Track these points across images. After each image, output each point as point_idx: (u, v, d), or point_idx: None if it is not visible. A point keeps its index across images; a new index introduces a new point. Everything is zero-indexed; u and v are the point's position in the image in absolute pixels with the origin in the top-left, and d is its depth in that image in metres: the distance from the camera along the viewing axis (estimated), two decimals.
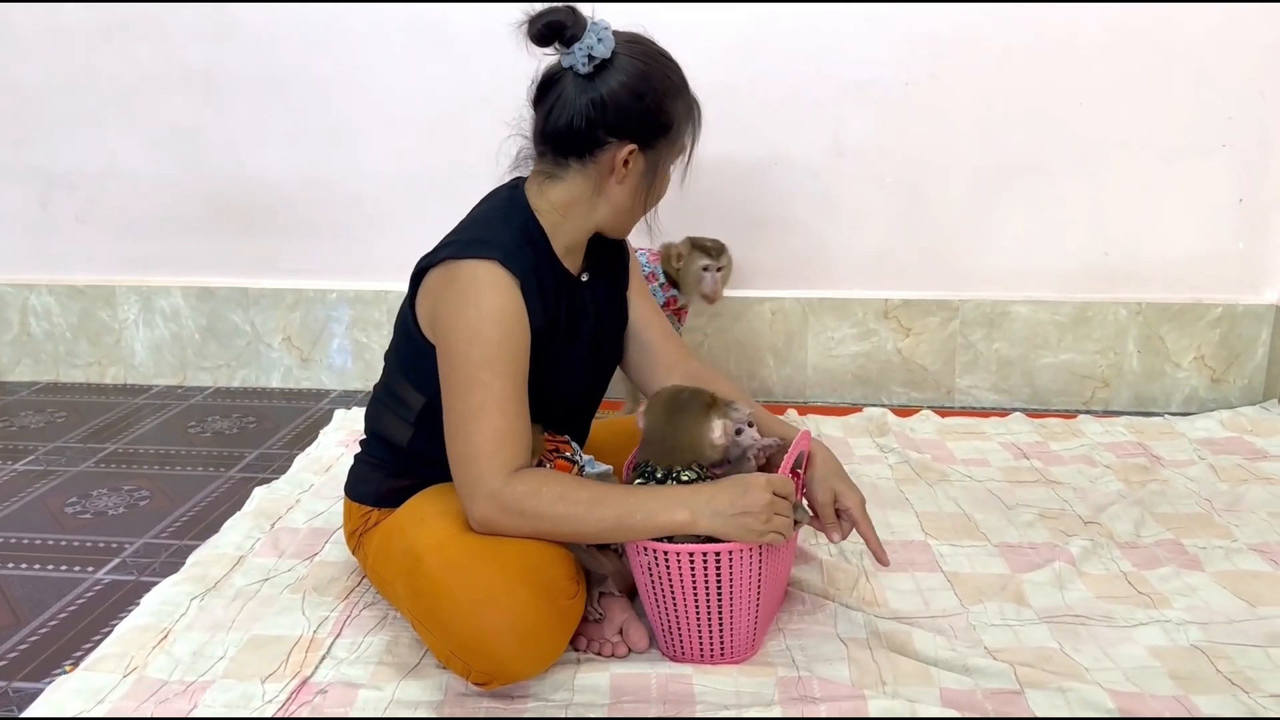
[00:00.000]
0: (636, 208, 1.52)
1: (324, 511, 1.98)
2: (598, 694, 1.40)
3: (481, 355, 1.37)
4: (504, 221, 1.47)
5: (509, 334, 1.39)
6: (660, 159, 1.48)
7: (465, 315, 1.39)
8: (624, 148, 1.43)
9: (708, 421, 1.44)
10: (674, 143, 1.48)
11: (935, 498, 2.04)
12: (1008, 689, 1.38)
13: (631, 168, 1.45)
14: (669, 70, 1.46)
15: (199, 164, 2.70)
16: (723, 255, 2.34)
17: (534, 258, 1.45)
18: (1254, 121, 2.43)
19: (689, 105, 1.48)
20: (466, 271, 1.40)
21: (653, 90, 1.42)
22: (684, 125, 1.48)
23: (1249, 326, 2.53)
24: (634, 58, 1.42)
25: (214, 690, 1.42)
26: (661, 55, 1.47)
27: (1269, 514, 1.93)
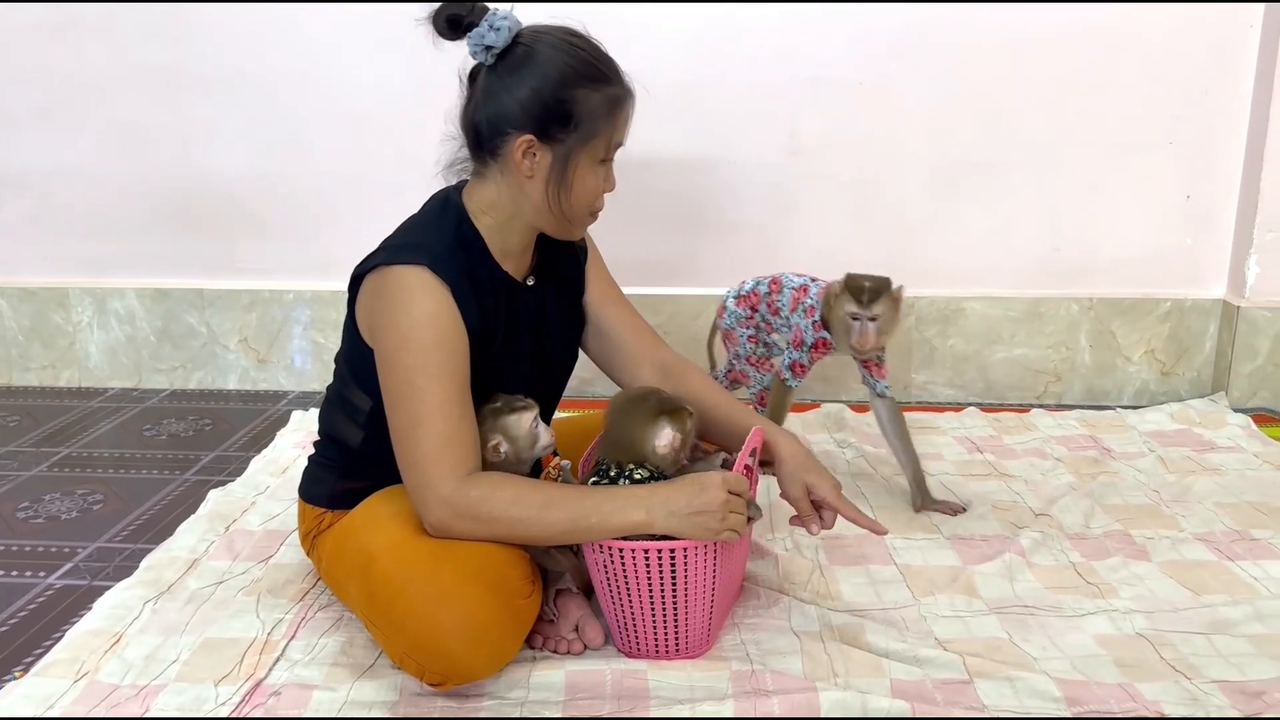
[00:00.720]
0: (557, 206, 1.45)
1: (279, 514, 1.97)
2: (553, 691, 1.41)
3: (417, 361, 1.37)
4: (436, 226, 1.46)
5: (443, 338, 1.38)
6: (570, 152, 1.41)
7: (398, 322, 1.38)
8: (519, 139, 1.40)
9: (654, 426, 1.45)
10: (585, 135, 1.41)
11: (890, 492, 2.06)
12: (957, 679, 1.41)
13: (537, 161, 1.42)
14: (575, 59, 1.40)
15: (153, 163, 2.68)
16: (877, 302, 1.89)
17: (467, 261, 1.44)
18: (1200, 119, 2.48)
19: (606, 96, 1.41)
20: (395, 277, 1.39)
21: (551, 79, 1.38)
22: (597, 116, 1.41)
23: (1197, 321, 2.58)
24: (535, 46, 1.39)
25: (166, 694, 1.41)
26: (571, 44, 1.41)
27: (1215, 504, 1.97)
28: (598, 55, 1.43)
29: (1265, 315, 2.48)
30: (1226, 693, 1.37)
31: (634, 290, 2.62)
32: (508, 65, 1.40)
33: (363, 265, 1.45)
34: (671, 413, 1.46)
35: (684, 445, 1.47)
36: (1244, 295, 2.50)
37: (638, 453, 1.44)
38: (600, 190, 1.48)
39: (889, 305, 1.90)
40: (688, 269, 2.68)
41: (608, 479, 1.45)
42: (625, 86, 1.44)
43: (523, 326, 1.55)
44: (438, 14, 1.40)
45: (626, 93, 1.44)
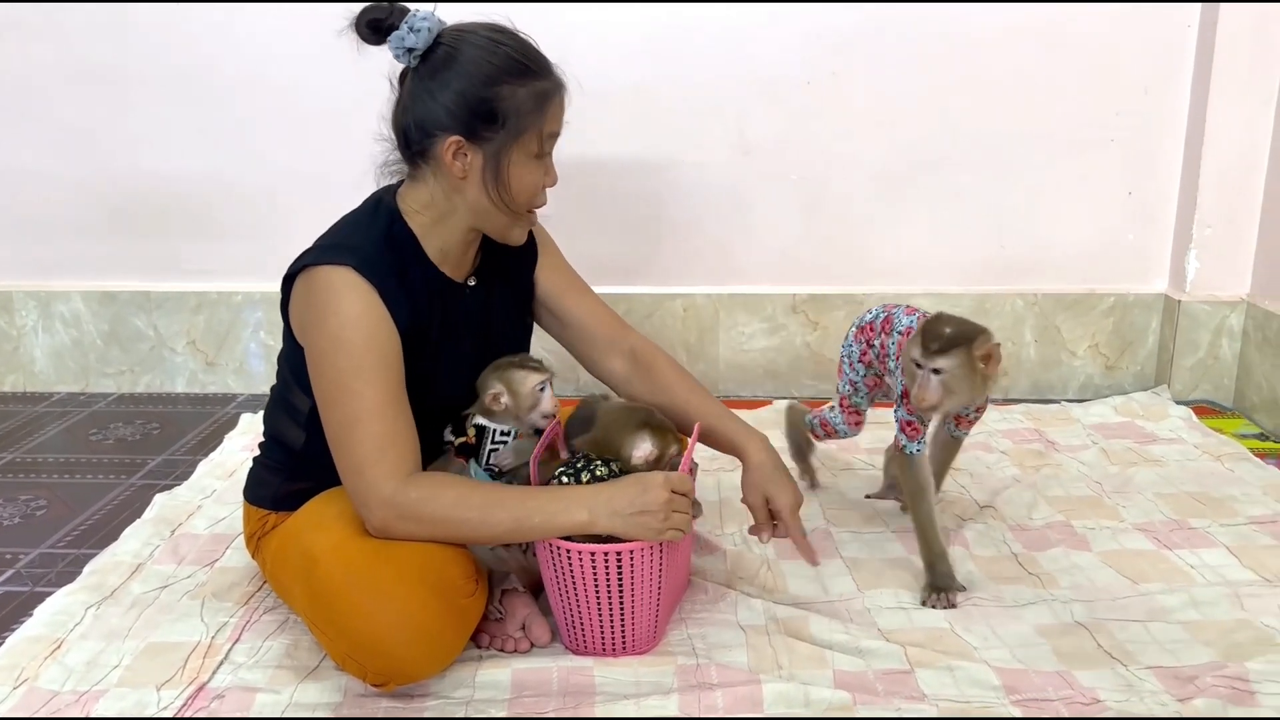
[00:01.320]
0: (493, 205, 1.45)
1: (226, 517, 1.95)
2: (499, 690, 1.41)
3: (349, 363, 1.37)
4: (367, 226, 1.46)
5: (373, 339, 1.38)
6: (501, 150, 1.41)
7: (326, 323, 1.38)
8: (448, 141, 1.40)
9: (636, 436, 1.49)
10: (515, 131, 1.40)
11: (839, 486, 2.08)
12: (898, 669, 1.43)
13: (469, 162, 1.42)
14: (498, 55, 1.39)
15: (98, 165, 2.64)
16: (949, 355, 1.55)
17: (399, 262, 1.44)
18: (1141, 117, 2.52)
19: (533, 91, 1.40)
20: (323, 277, 1.39)
21: (475, 78, 1.37)
22: (524, 112, 1.40)
23: (1140, 315, 2.62)
24: (457, 45, 1.39)
25: (107, 699, 1.40)
26: (493, 40, 1.40)
27: (1155, 495, 2.00)
28: (522, 49, 1.42)
29: (1205, 309, 2.53)
30: (1161, 678, 1.40)
31: None
32: (431, 67, 1.40)
33: (293, 265, 1.45)
34: (656, 428, 1.49)
35: (660, 463, 1.49)
36: (1185, 290, 2.55)
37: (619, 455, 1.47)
38: (538, 185, 1.47)
39: (963, 361, 1.55)
40: (641, 268, 2.68)
41: (571, 471, 1.45)
42: (553, 78, 1.43)
43: (463, 328, 1.54)
44: (359, 18, 1.40)
45: (554, 85, 1.43)
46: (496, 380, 1.53)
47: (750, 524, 1.60)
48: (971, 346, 1.55)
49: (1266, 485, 2.04)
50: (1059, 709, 1.34)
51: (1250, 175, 2.46)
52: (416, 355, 1.45)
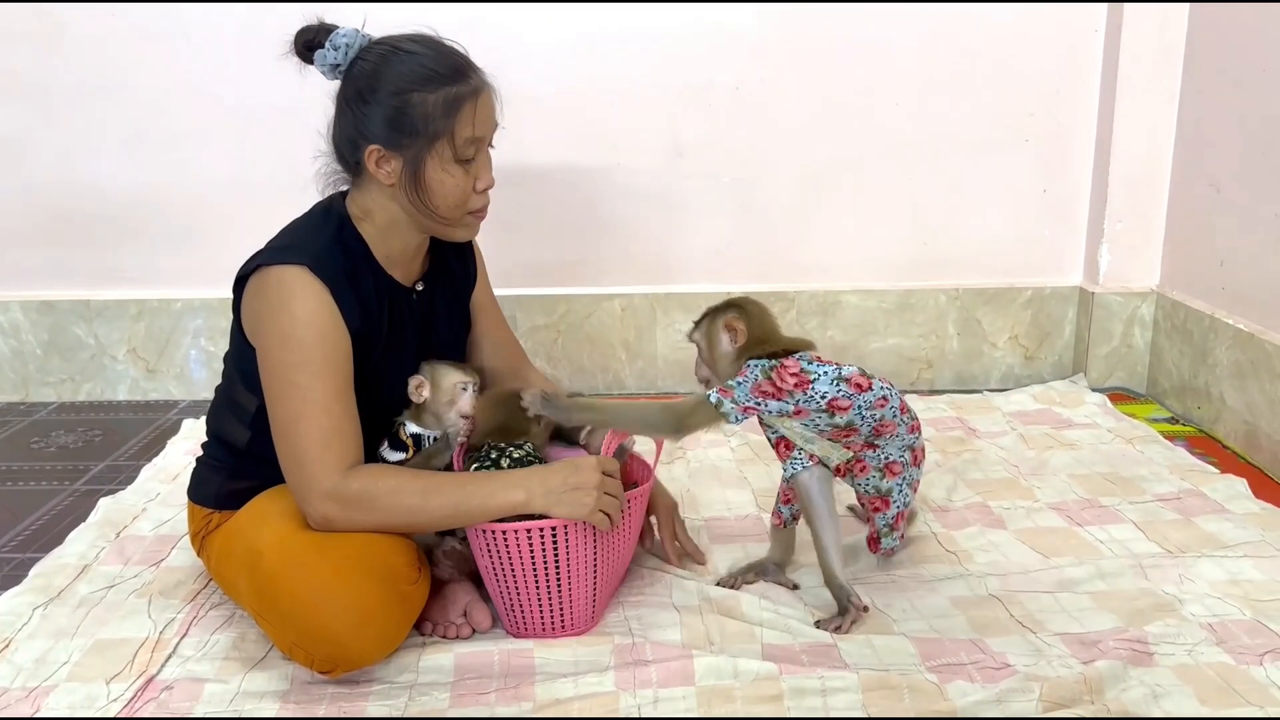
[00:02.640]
0: (421, 209, 1.49)
1: (171, 519, 1.98)
2: (442, 674, 1.46)
3: (297, 358, 1.42)
4: (318, 229, 1.51)
5: (323, 336, 1.43)
6: (418, 154, 1.45)
7: (278, 320, 1.43)
8: (369, 150, 1.46)
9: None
10: (429, 137, 1.44)
11: (771, 475, 2.15)
12: (823, 642, 1.51)
13: (390, 168, 1.47)
14: (411, 64, 1.44)
15: (31, 175, 2.64)
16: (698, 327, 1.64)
17: (348, 264, 1.49)
18: (1053, 117, 2.64)
19: (445, 97, 1.44)
20: (276, 277, 1.44)
21: (387, 87, 1.43)
22: (434, 118, 1.44)
23: (1057, 307, 2.74)
24: (373, 59, 1.45)
25: (57, 694, 1.43)
26: (407, 51, 1.45)
27: (1069, 476, 2.11)
28: (437, 57, 1.46)
29: (1118, 300, 2.65)
30: (1067, 643, 1.49)
31: (526, 291, 2.71)
32: (353, 80, 1.47)
33: (246, 266, 1.49)
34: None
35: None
36: (1098, 282, 2.67)
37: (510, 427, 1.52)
38: (465, 189, 1.50)
39: (707, 331, 1.62)
40: (578, 269, 2.75)
41: (489, 460, 1.51)
42: (468, 84, 1.46)
43: (409, 330, 1.60)
44: (295, 40, 1.48)
45: (469, 90, 1.46)
46: (422, 372, 1.60)
47: None
48: (716, 318, 1.60)
49: (1173, 465, 2.15)
50: (971, 673, 1.42)
51: (1156, 172, 2.58)
52: (364, 356, 1.50)
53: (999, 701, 1.35)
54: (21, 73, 2.58)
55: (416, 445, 1.59)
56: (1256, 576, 1.69)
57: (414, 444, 1.59)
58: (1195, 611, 1.57)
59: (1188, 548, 1.79)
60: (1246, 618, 1.56)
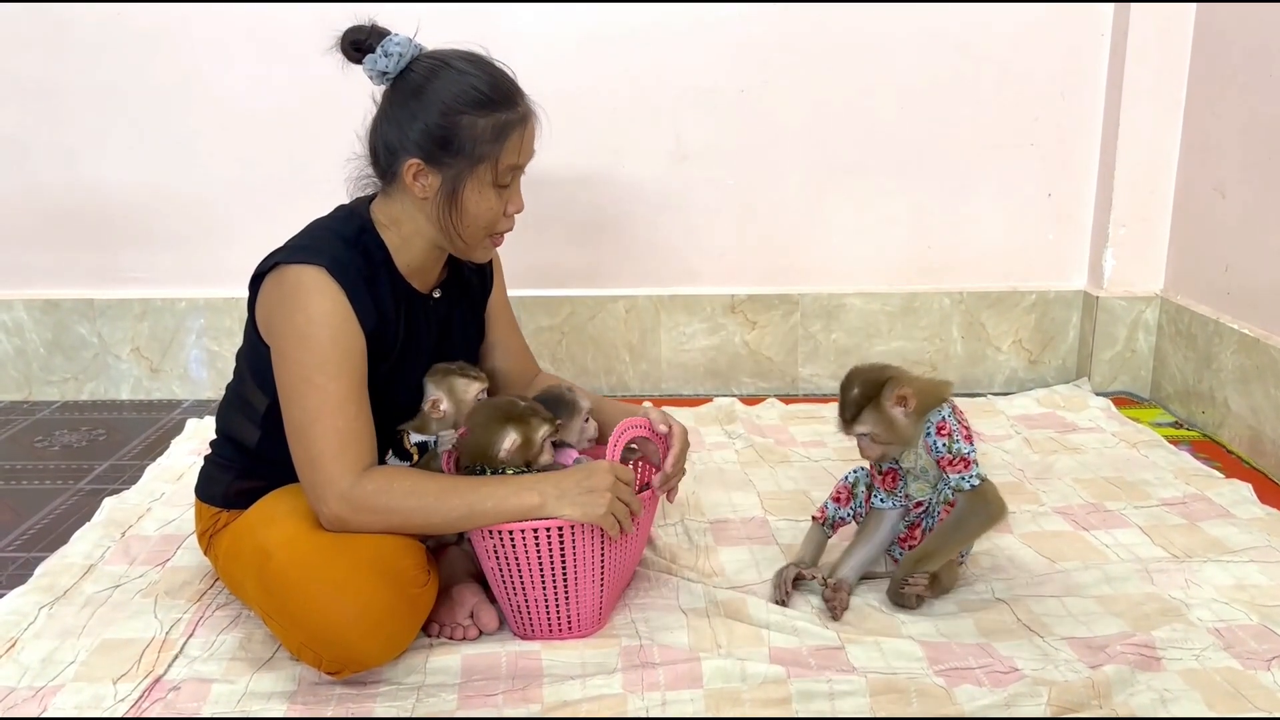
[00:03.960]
0: (449, 228, 1.50)
1: (176, 519, 1.98)
2: (449, 675, 1.46)
3: (314, 358, 1.41)
4: (339, 231, 1.51)
5: (339, 336, 1.43)
6: (459, 175, 1.46)
7: (294, 320, 1.42)
8: (409, 162, 1.46)
9: (501, 432, 1.50)
10: (472, 160, 1.46)
11: (776, 478, 2.16)
12: (830, 645, 1.50)
13: (427, 183, 1.47)
14: (464, 85, 1.44)
15: (37, 175, 2.65)
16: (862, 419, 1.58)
17: (367, 268, 1.48)
18: (1058, 121, 2.64)
19: (494, 123, 1.45)
20: (294, 276, 1.44)
21: (438, 106, 1.44)
22: (481, 141, 1.45)
23: (1060, 311, 2.74)
24: (428, 72, 1.45)
25: (64, 693, 1.43)
26: (462, 71, 1.45)
27: (1074, 480, 2.11)
28: (491, 81, 1.46)
29: (1122, 304, 2.65)
30: (1074, 647, 1.50)
31: (533, 292, 2.72)
32: (401, 90, 1.47)
33: (264, 264, 1.49)
34: (517, 419, 1.51)
35: (532, 448, 1.51)
36: (1102, 286, 2.67)
37: (488, 456, 1.50)
38: (497, 212, 1.51)
39: (879, 417, 1.56)
40: (585, 271, 2.75)
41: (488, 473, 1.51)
42: (517, 112, 1.47)
43: (424, 337, 1.60)
44: (344, 38, 1.47)
45: (518, 118, 1.47)
46: (436, 387, 1.58)
47: None
48: (880, 400, 1.55)
49: (1178, 470, 2.15)
50: (979, 677, 1.42)
51: (1161, 177, 2.59)
52: (379, 361, 1.50)
53: (1007, 705, 1.35)
54: (27, 74, 2.58)
55: (422, 453, 1.58)
56: (1263, 581, 1.69)
57: (419, 452, 1.58)
58: (1202, 616, 1.58)
59: (1193, 552, 1.79)
60: (1253, 622, 1.56)
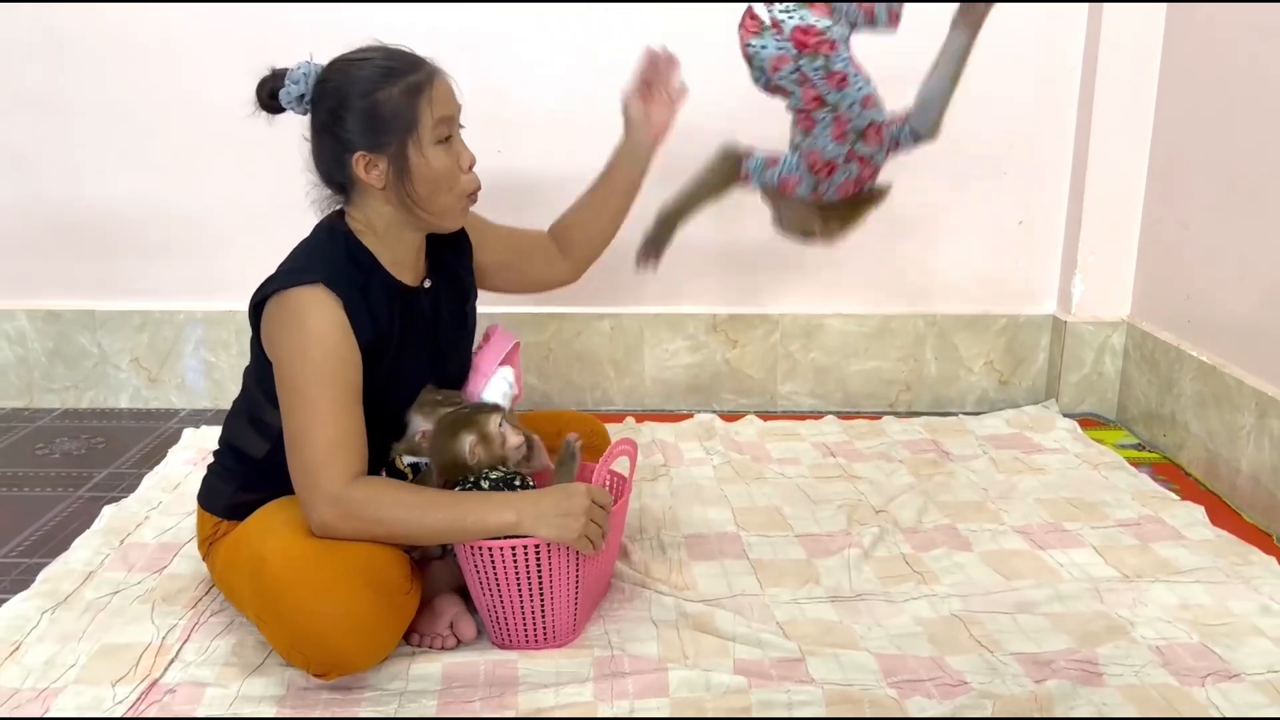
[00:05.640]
0: (415, 202, 1.59)
1: (173, 527, 2.06)
2: (430, 682, 1.55)
3: (311, 373, 1.51)
4: (327, 250, 1.61)
5: (333, 352, 1.52)
6: (400, 148, 1.55)
7: (293, 338, 1.52)
8: (355, 158, 1.56)
9: (456, 442, 1.60)
10: (405, 127, 1.55)
11: (750, 494, 2.25)
12: (791, 657, 1.59)
13: (379, 170, 1.56)
14: (364, 70, 1.55)
15: (40, 188, 2.72)
16: None
17: (360, 277, 1.58)
18: (1029, 152, 2.73)
19: (405, 86, 1.54)
20: (293, 298, 1.53)
21: (353, 96, 1.54)
22: (403, 108, 1.54)
23: (1031, 334, 2.83)
24: (330, 78, 1.57)
25: (65, 695, 1.51)
26: (356, 61, 1.56)
27: (1036, 500, 2.20)
28: (388, 55, 1.57)
29: (1089, 329, 2.74)
30: (1022, 663, 1.58)
31: (519, 309, 2.80)
32: (318, 105, 1.58)
33: (262, 290, 1.58)
34: (464, 423, 1.61)
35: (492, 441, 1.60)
36: (1071, 311, 2.76)
37: (462, 466, 1.60)
38: (450, 168, 1.59)
39: None
40: (571, 289, 2.78)
41: (469, 483, 1.60)
42: (422, 70, 1.57)
43: (420, 328, 1.69)
44: (257, 93, 1.62)
45: (425, 75, 1.57)
46: (425, 419, 1.66)
47: None
48: None
49: (1136, 492, 2.24)
50: (929, 689, 1.51)
51: (1129, 207, 2.68)
52: (378, 362, 1.59)
53: (953, 717, 1.44)
54: (31, 90, 2.66)
55: (415, 473, 1.67)
56: (1206, 601, 1.77)
57: (412, 472, 1.67)
58: (1145, 634, 1.66)
59: (1143, 572, 1.87)
60: (1193, 641, 1.64)
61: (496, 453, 1.61)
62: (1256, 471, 2.15)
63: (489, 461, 1.60)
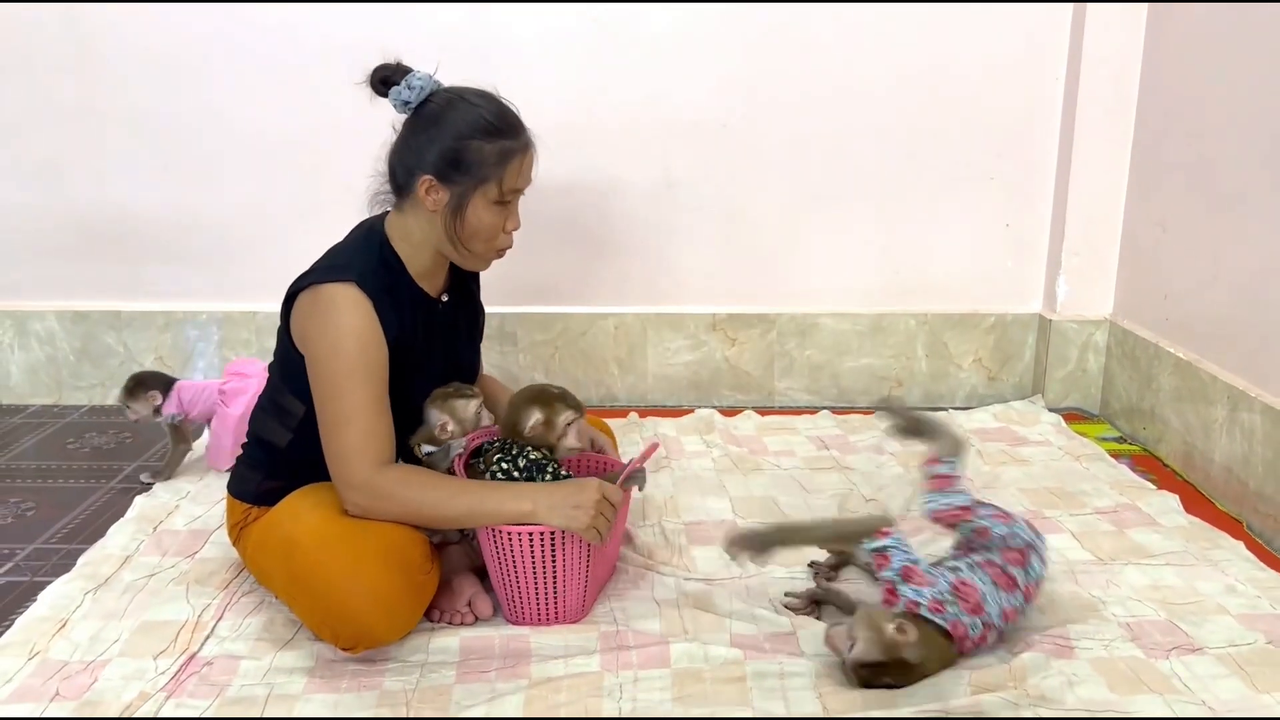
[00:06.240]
0: (454, 238, 1.71)
1: (202, 515, 2.18)
2: (449, 654, 1.67)
3: (344, 367, 1.63)
4: (362, 249, 1.73)
5: (366, 347, 1.64)
6: (465, 193, 1.68)
7: (327, 333, 1.64)
8: (423, 179, 1.67)
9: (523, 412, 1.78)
10: (478, 179, 1.67)
11: (748, 485, 2.36)
12: (784, 632, 1.71)
13: (438, 198, 1.68)
14: (474, 115, 1.66)
15: (70, 195, 2.85)
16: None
17: (389, 280, 1.70)
18: (1017, 157, 2.85)
19: (498, 148, 1.67)
20: (326, 294, 1.65)
21: (451, 131, 1.66)
22: (487, 164, 1.66)
23: (1018, 332, 2.95)
24: (441, 103, 1.68)
25: (112, 666, 1.63)
26: (473, 104, 1.67)
27: (1018, 489, 2.31)
28: (498, 113, 1.69)
29: (1074, 327, 2.86)
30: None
31: (527, 309, 2.93)
32: (421, 118, 1.69)
33: (297, 284, 1.70)
34: (544, 402, 1.76)
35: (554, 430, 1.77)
36: (1056, 310, 2.88)
37: (516, 431, 1.75)
38: (497, 228, 1.73)
39: None
40: (577, 290, 2.95)
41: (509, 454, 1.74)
42: (519, 141, 1.70)
43: (437, 337, 1.82)
44: (373, 74, 1.71)
45: (520, 146, 1.70)
46: (441, 412, 1.79)
47: None
48: None
49: (1114, 481, 2.36)
50: None
51: (1111, 210, 2.79)
52: (402, 363, 1.71)
53: (933, 684, 1.55)
54: (64, 103, 2.79)
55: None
56: (1176, 583, 1.89)
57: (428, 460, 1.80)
58: (1116, 612, 1.78)
59: (1117, 556, 1.99)
60: (1161, 618, 1.76)
61: (550, 441, 1.77)
62: (1229, 462, 2.26)
63: (539, 444, 1.76)
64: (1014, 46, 2.76)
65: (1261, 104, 2.18)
